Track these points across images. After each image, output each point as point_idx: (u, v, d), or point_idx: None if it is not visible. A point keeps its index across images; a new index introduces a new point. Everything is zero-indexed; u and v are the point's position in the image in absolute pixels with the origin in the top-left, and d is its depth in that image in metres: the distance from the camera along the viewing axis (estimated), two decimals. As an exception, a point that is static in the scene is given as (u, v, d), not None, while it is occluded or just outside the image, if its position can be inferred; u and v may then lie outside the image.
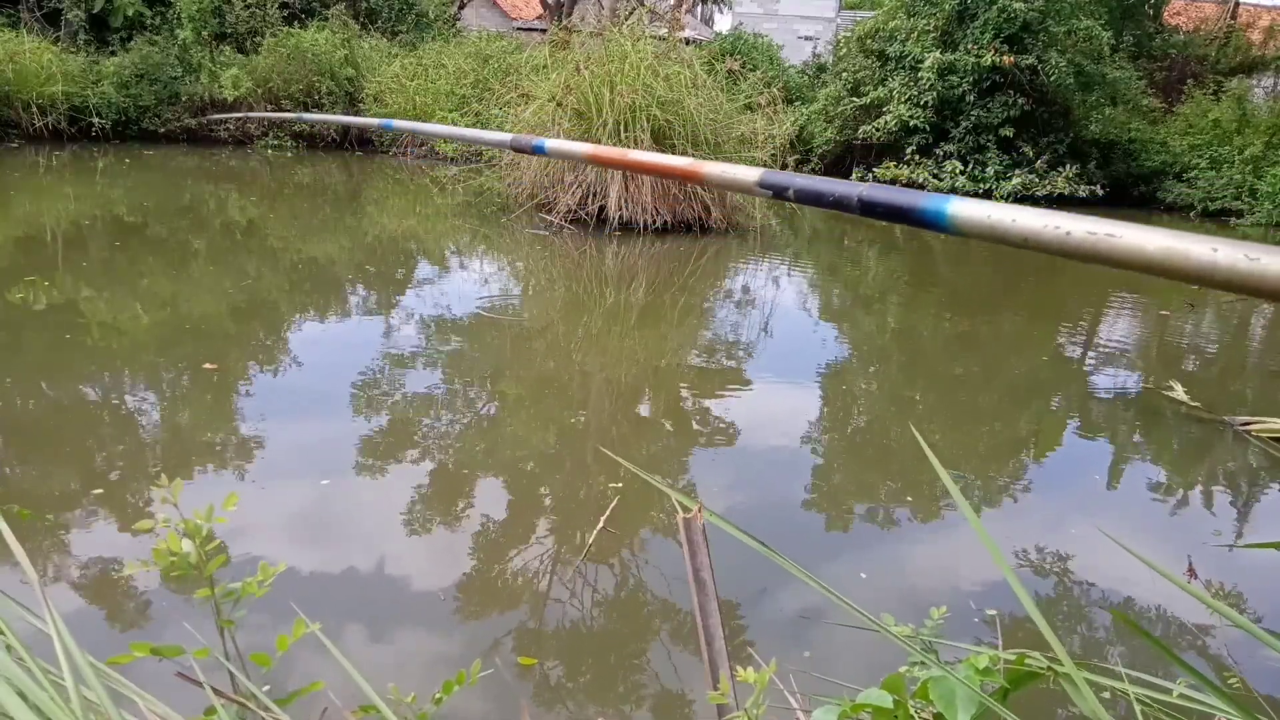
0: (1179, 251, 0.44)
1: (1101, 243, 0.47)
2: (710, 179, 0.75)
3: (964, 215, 0.53)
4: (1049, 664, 1.09)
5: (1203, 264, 0.43)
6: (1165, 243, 0.44)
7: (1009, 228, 0.51)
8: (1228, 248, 0.42)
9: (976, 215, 0.53)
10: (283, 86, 16.27)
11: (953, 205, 0.54)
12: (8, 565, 2.80)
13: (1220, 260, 0.42)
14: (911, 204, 0.57)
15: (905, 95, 15.75)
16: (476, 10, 27.76)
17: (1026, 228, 0.50)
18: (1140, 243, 0.45)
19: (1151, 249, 0.45)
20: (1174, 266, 0.44)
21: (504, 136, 1.12)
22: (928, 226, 0.55)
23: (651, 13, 12.32)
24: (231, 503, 1.22)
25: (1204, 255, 0.43)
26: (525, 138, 1.05)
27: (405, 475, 3.79)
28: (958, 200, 0.54)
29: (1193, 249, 0.43)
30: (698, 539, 1.35)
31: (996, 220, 0.52)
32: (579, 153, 0.93)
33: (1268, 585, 3.42)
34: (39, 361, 4.95)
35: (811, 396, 5.41)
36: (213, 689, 1.11)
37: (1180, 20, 21.89)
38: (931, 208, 0.55)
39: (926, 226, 0.55)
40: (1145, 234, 0.45)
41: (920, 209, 0.56)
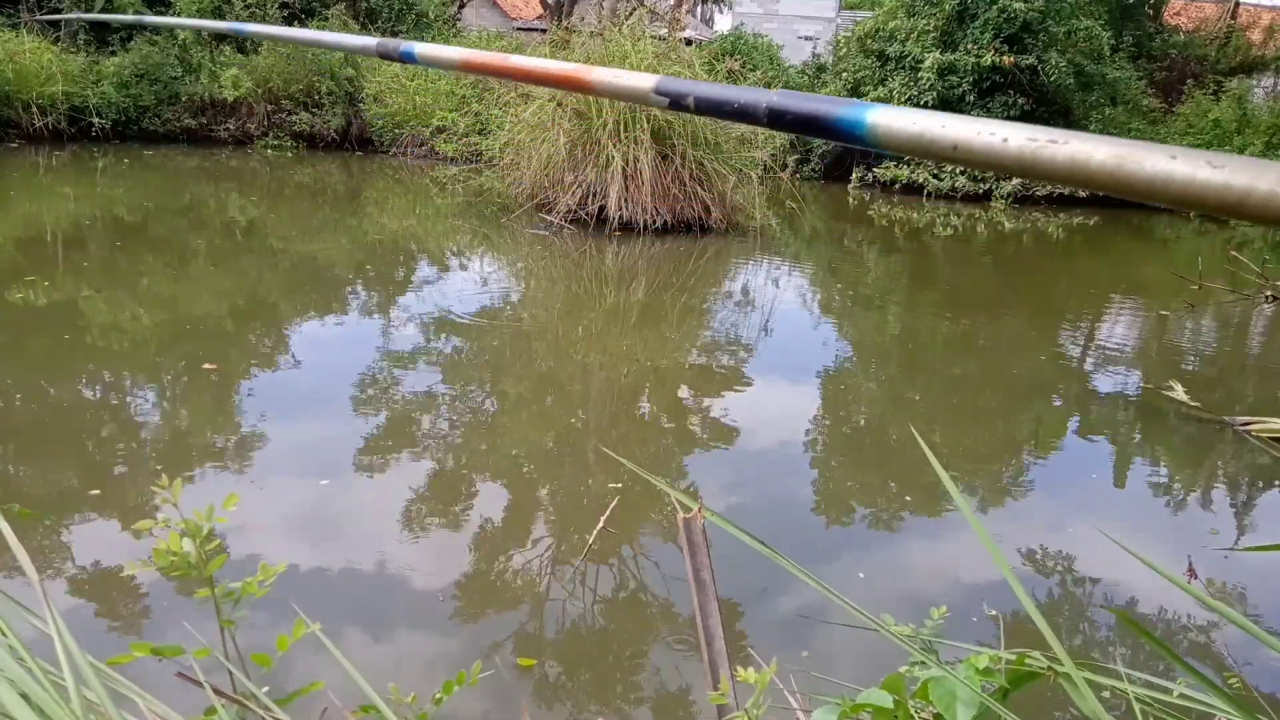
0: (1131, 160, 0.38)
1: (1043, 150, 0.41)
2: (599, 87, 0.67)
3: (885, 124, 0.47)
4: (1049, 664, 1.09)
5: (1157, 174, 0.38)
6: (1116, 150, 0.39)
7: (937, 135, 0.45)
8: (1188, 155, 0.37)
9: (900, 124, 0.46)
10: (283, 86, 16.28)
11: (873, 113, 0.47)
12: (8, 565, 2.80)
13: (1178, 169, 0.37)
14: (826, 113, 0.50)
15: (905, 95, 15.74)
16: (476, 10, 27.76)
17: (956, 135, 0.44)
18: (1087, 151, 0.40)
19: (1100, 158, 0.39)
20: (1124, 179, 0.39)
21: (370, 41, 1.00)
22: (844, 139, 0.49)
23: (651, 13, 12.32)
24: (232, 502, 1.22)
25: (1159, 164, 0.37)
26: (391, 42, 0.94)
27: (405, 475, 3.79)
28: (880, 108, 0.48)
29: (1148, 158, 0.38)
30: (698, 539, 1.35)
31: (923, 129, 0.45)
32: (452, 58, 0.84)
33: (1268, 585, 3.42)
34: (39, 361, 4.95)
35: (811, 396, 5.41)
36: (213, 689, 1.11)
37: (1180, 20, 21.89)
38: (848, 116, 0.49)
39: (843, 139, 0.49)
40: (1094, 142, 0.40)
41: (835, 118, 0.49)
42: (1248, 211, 0.35)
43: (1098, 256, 11.59)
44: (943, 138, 0.45)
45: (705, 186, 9.87)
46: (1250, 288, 8.50)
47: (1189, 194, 0.37)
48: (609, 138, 9.39)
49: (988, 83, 15.28)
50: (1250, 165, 0.36)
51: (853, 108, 0.49)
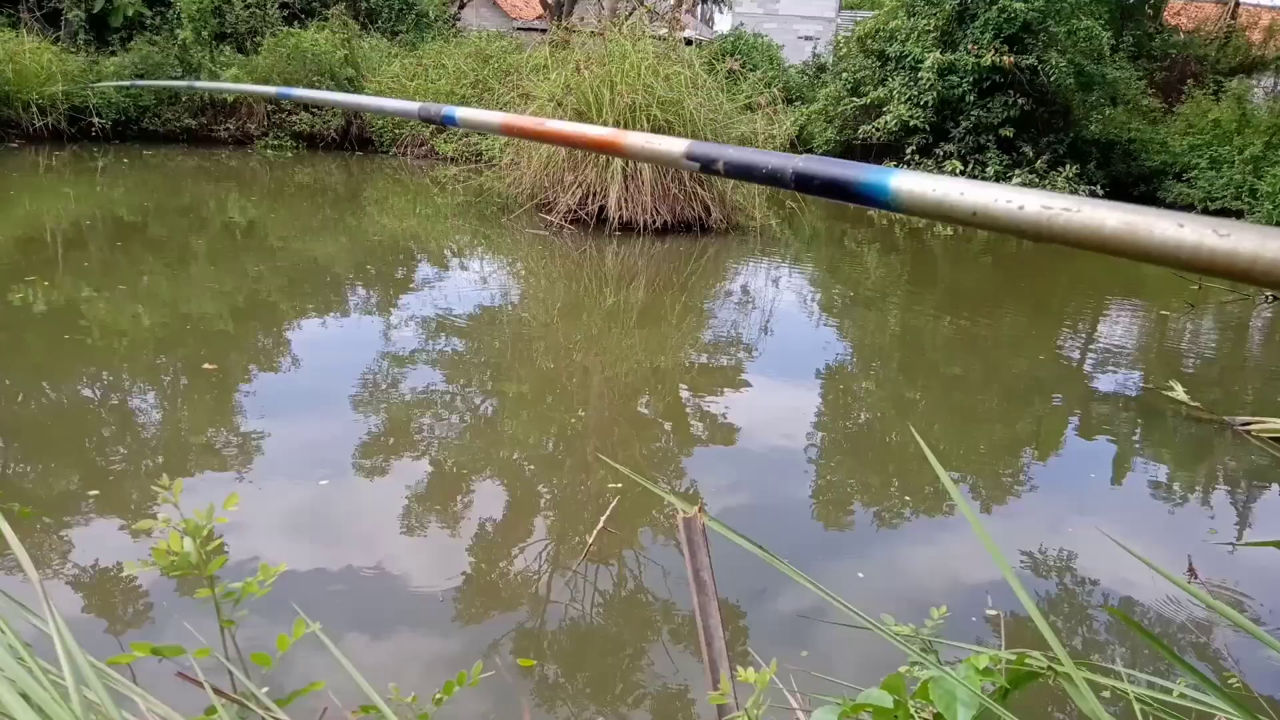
0: (1141, 227, 0.39)
1: (1058, 218, 0.42)
2: (632, 150, 0.69)
3: (908, 189, 0.49)
4: (1049, 664, 1.09)
5: (1166, 241, 0.39)
6: (1126, 218, 0.40)
7: (957, 201, 0.46)
8: (1195, 224, 0.38)
9: (921, 189, 0.48)
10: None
11: (896, 179, 0.49)
12: (8, 565, 2.81)
13: (1186, 237, 0.38)
14: (852, 178, 0.52)
15: (905, 95, 15.75)
16: (476, 10, 27.75)
17: (975, 201, 0.46)
18: (1099, 219, 0.41)
19: (1112, 224, 0.40)
20: (1136, 244, 0.40)
21: (412, 106, 1.01)
22: (869, 203, 0.51)
23: (651, 13, 12.32)
24: (232, 502, 1.22)
25: (1168, 231, 0.38)
26: (433, 106, 0.95)
27: (405, 475, 3.79)
28: (901, 173, 0.49)
29: (1156, 224, 0.39)
30: (698, 539, 1.35)
31: (943, 194, 0.47)
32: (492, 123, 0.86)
33: (1268, 585, 3.42)
34: (39, 362, 4.95)
35: (811, 396, 5.41)
36: (213, 689, 1.11)
37: (1180, 20, 21.89)
38: (873, 181, 0.50)
39: (867, 203, 0.51)
40: (1105, 209, 0.41)
41: (861, 183, 0.51)
42: (1255, 277, 0.36)
43: (1097, 256, 11.56)
44: (961, 204, 0.46)
45: (705, 186, 9.87)
46: (1250, 288, 8.50)
47: (1198, 259, 0.38)
48: (609, 138, 9.38)
49: (988, 83, 15.28)
50: (1254, 232, 0.37)
51: (877, 173, 0.51)
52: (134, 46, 15.79)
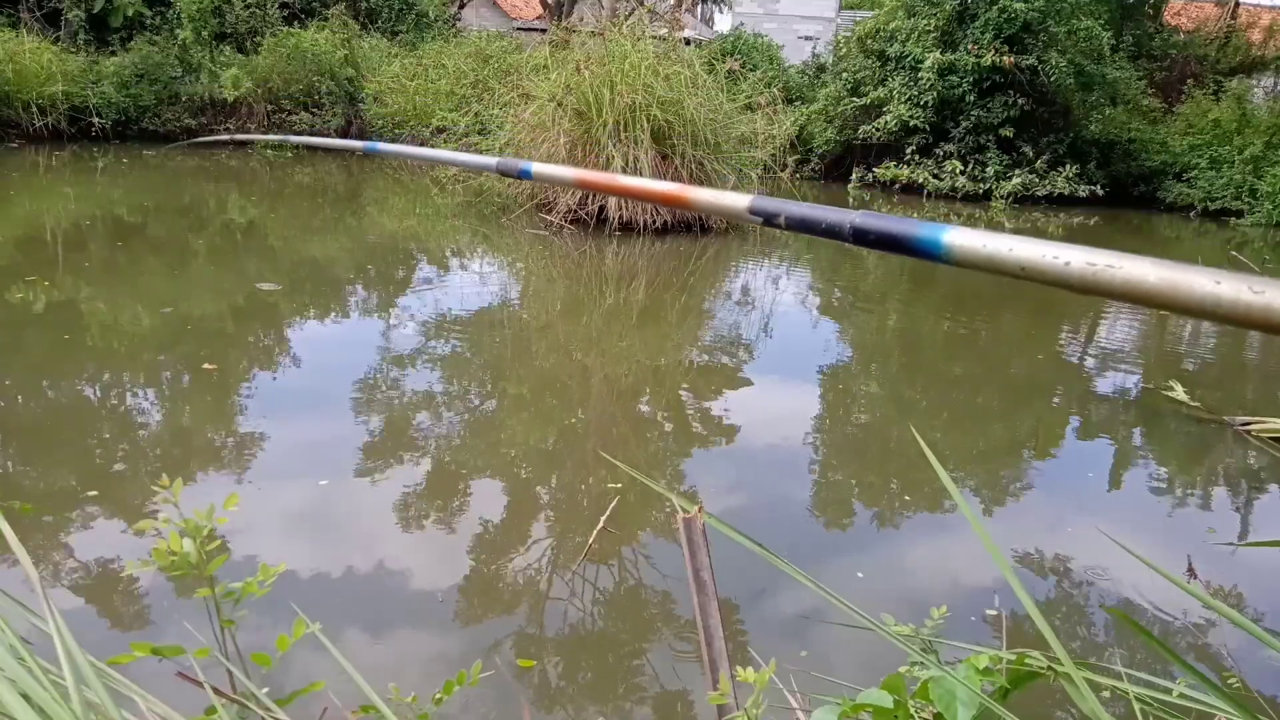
0: (1182, 283, 0.43)
1: (1101, 274, 0.45)
2: (698, 205, 0.74)
3: (960, 245, 0.52)
4: (1049, 664, 1.09)
5: (1205, 296, 0.42)
6: (1166, 274, 0.43)
7: (1005, 257, 0.50)
8: (1232, 280, 0.41)
9: (973, 244, 0.52)
10: (283, 86, 16.28)
11: (949, 235, 0.53)
12: (8, 564, 2.81)
13: (1224, 293, 0.41)
14: (907, 233, 0.55)
15: (905, 95, 15.74)
16: (476, 10, 27.75)
17: (1023, 257, 0.49)
18: (1141, 274, 0.44)
19: (1152, 280, 0.44)
20: (1176, 299, 0.43)
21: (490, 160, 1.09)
22: (922, 256, 0.54)
23: (651, 13, 12.32)
24: (232, 502, 1.22)
25: (1206, 287, 0.42)
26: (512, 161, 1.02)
27: (405, 475, 3.79)
28: (954, 229, 0.52)
29: (1195, 280, 0.42)
30: (698, 539, 1.35)
31: (993, 250, 0.50)
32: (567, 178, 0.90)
33: (1268, 585, 3.42)
34: (39, 362, 4.96)
35: (811, 396, 5.41)
36: (213, 688, 1.11)
37: (1180, 20, 21.88)
38: (927, 236, 0.54)
39: (921, 256, 0.54)
40: (1146, 265, 0.44)
41: (915, 238, 0.55)
42: None
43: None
44: (1010, 259, 0.50)
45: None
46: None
47: (1235, 314, 0.41)
48: (609, 138, 9.39)
49: (988, 83, 15.27)
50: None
51: (931, 229, 0.54)
52: (134, 46, 15.79)
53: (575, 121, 9.69)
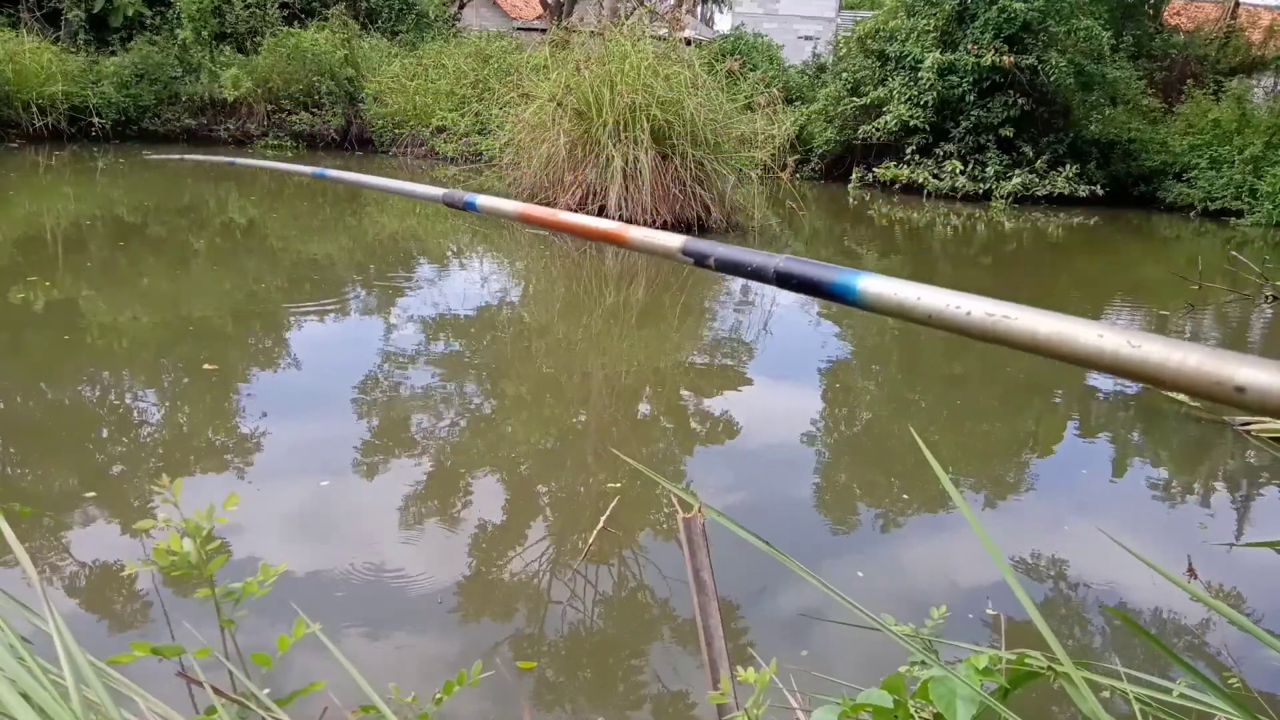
0: (1068, 335, 0.46)
1: (999, 324, 0.49)
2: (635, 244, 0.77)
3: (873, 292, 0.55)
4: (1049, 664, 1.09)
5: (1089, 348, 0.45)
6: (1056, 327, 0.46)
7: (914, 305, 0.53)
8: (1113, 334, 0.44)
9: (884, 292, 0.55)
10: (283, 86, 16.28)
11: (863, 281, 0.56)
12: (8, 564, 2.81)
13: (1105, 346, 0.44)
14: (824, 279, 0.59)
15: (905, 95, 15.74)
16: (476, 10, 27.75)
17: (930, 306, 0.52)
18: (1033, 326, 0.47)
19: (1043, 332, 0.47)
20: (1064, 349, 0.46)
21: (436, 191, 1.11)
22: (839, 300, 0.58)
23: (651, 13, 12.32)
24: (232, 502, 1.22)
25: (1090, 340, 0.45)
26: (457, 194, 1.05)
27: (405, 475, 3.79)
28: (869, 277, 0.56)
29: (1080, 333, 0.45)
30: (698, 539, 1.35)
31: (903, 298, 0.53)
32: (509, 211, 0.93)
33: (1268, 585, 3.42)
34: (39, 362, 4.96)
35: (811, 396, 5.41)
36: (213, 688, 1.11)
37: (1180, 20, 21.89)
38: (841, 282, 0.57)
39: (838, 300, 0.58)
40: (1038, 318, 0.47)
41: (831, 283, 0.58)
42: (1164, 381, 0.43)
43: (1097, 256, 11.59)
44: (918, 307, 0.53)
45: (705, 186, 9.87)
46: (1250, 288, 8.50)
47: (1118, 365, 0.44)
48: (609, 138, 9.39)
49: (988, 83, 15.28)
50: (1160, 344, 0.43)
51: (846, 275, 0.58)
52: (134, 46, 15.79)
53: (575, 121, 9.70)
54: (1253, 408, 0.40)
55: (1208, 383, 0.41)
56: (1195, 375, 0.41)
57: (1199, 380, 0.41)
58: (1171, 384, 0.42)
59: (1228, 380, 0.40)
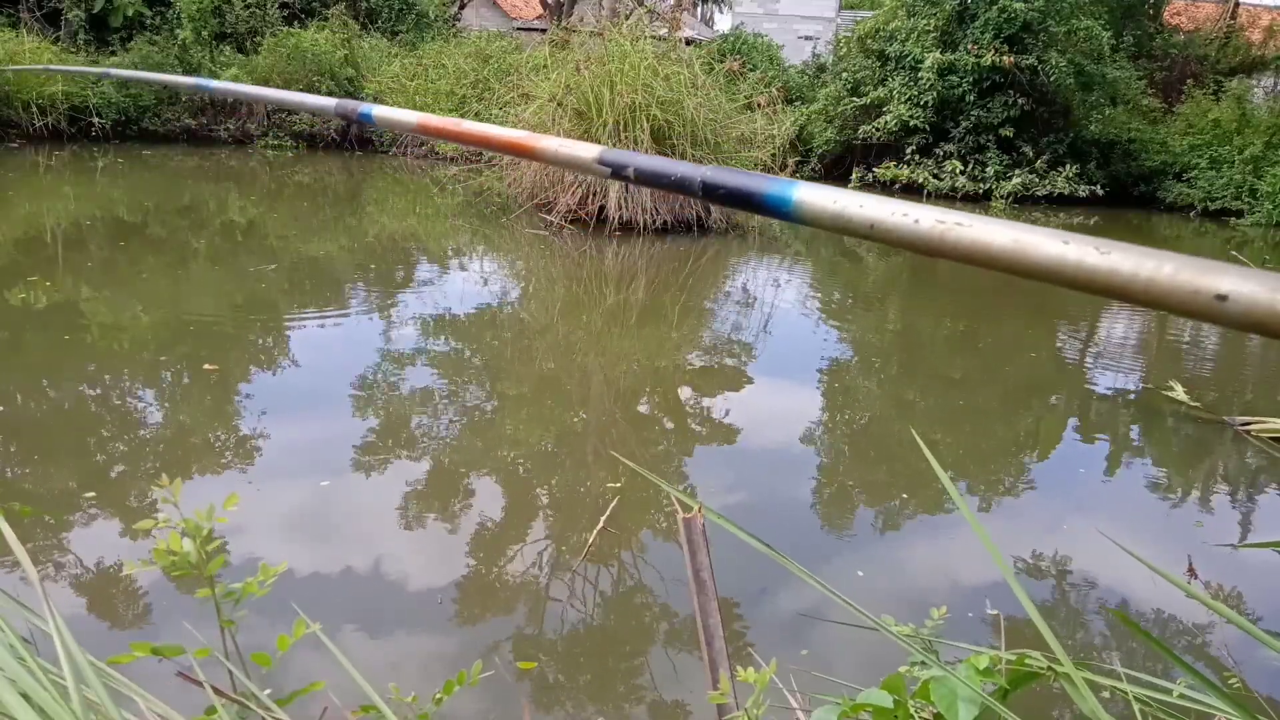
0: (1027, 244, 0.41)
1: (950, 232, 0.44)
2: (545, 155, 0.70)
3: (809, 201, 0.50)
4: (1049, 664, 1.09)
5: (1050, 258, 0.40)
6: (1014, 234, 0.42)
7: (855, 214, 0.48)
8: (1080, 242, 0.40)
9: (821, 201, 0.50)
10: (282, 86, 16.27)
11: (798, 190, 0.51)
12: (8, 564, 2.81)
13: (1069, 255, 0.40)
14: (755, 189, 0.54)
15: (905, 95, 15.74)
16: (476, 10, 27.75)
17: (873, 214, 0.47)
18: (989, 235, 0.43)
19: (1000, 241, 0.42)
20: (1022, 261, 0.41)
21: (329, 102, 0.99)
22: (771, 213, 0.53)
23: (651, 13, 12.32)
24: (232, 502, 1.22)
25: (1052, 249, 0.40)
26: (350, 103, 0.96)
27: (405, 476, 3.79)
28: (804, 185, 0.51)
29: (1041, 242, 0.41)
30: (698, 539, 1.35)
31: (842, 207, 0.49)
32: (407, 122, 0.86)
33: (1268, 585, 3.42)
34: (39, 362, 4.95)
35: (811, 396, 5.41)
36: (213, 688, 1.11)
37: (1180, 20, 21.88)
38: (775, 193, 0.52)
39: (770, 213, 0.53)
40: (995, 226, 0.43)
41: (764, 194, 0.53)
42: (1135, 293, 0.38)
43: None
44: (860, 216, 0.48)
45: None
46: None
47: (1081, 276, 0.40)
48: (609, 138, 9.39)
49: (988, 83, 15.27)
50: (1133, 252, 0.39)
51: (780, 185, 0.53)
52: (134, 46, 15.79)
53: (575, 121, 9.70)
54: (1235, 319, 0.36)
55: (1185, 292, 0.37)
56: (1170, 285, 0.37)
57: (1175, 291, 0.37)
58: (1142, 296, 0.38)
59: (1208, 289, 0.36)
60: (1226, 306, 0.36)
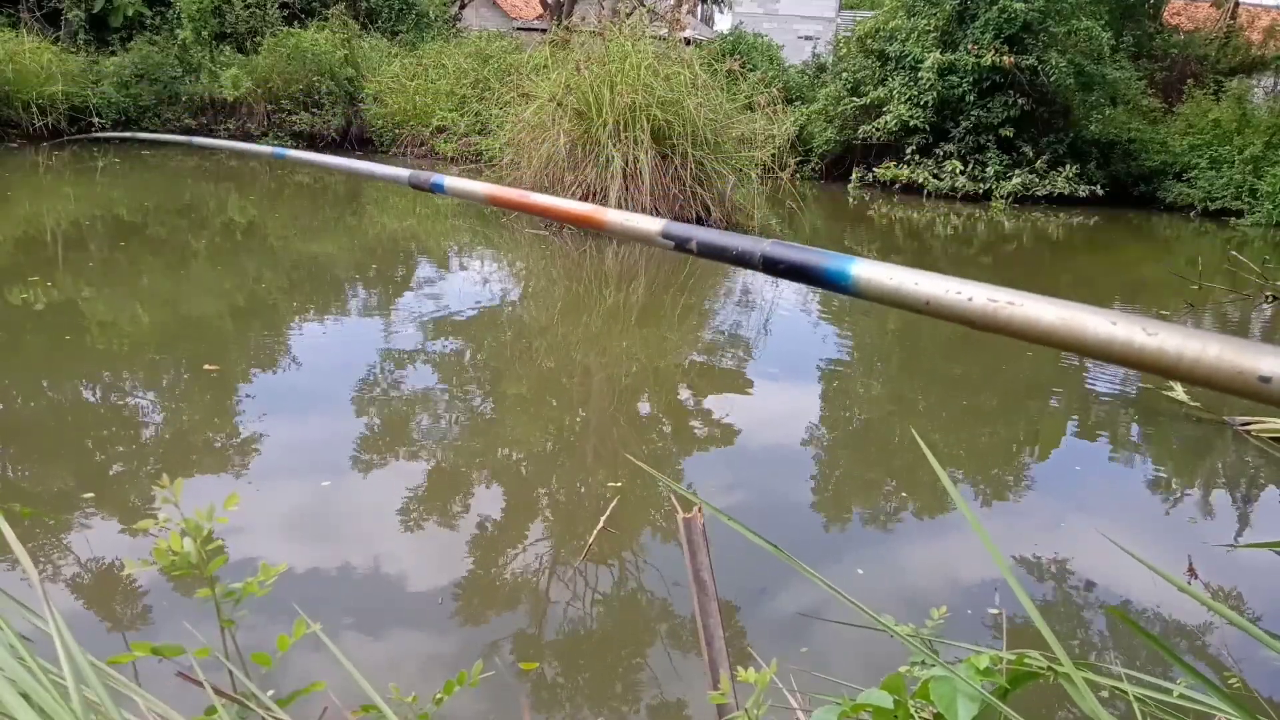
0: (1075, 324, 0.43)
1: (1001, 311, 0.46)
2: (611, 226, 0.73)
3: (866, 277, 0.52)
4: (1049, 664, 1.09)
5: (1099, 337, 0.42)
6: (1063, 314, 0.43)
7: (911, 291, 0.50)
8: (1126, 322, 0.41)
9: (879, 277, 0.51)
10: (283, 86, 16.28)
11: (856, 267, 0.52)
12: (8, 564, 2.81)
13: (1117, 335, 0.41)
14: (814, 264, 0.55)
15: (905, 95, 15.74)
16: (476, 10, 27.75)
17: (928, 292, 0.49)
18: (1038, 314, 0.44)
19: (1049, 320, 0.44)
20: (1072, 339, 0.43)
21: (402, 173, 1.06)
22: (830, 287, 0.54)
23: (651, 13, 12.32)
24: (233, 502, 1.22)
25: (1101, 329, 0.42)
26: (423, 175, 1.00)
27: (406, 476, 3.79)
28: (861, 262, 0.52)
29: (1089, 321, 0.42)
30: (698, 539, 1.35)
31: (899, 283, 0.50)
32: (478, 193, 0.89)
33: (1268, 585, 3.42)
34: (39, 362, 4.95)
35: (811, 396, 5.41)
36: (213, 688, 1.11)
37: (1180, 20, 21.88)
38: (834, 268, 0.54)
39: (829, 287, 0.54)
40: (1044, 306, 0.44)
41: (823, 269, 0.55)
42: (1180, 373, 0.40)
43: (1097, 256, 11.59)
44: (916, 293, 0.50)
45: (705, 186, 9.87)
46: (1250, 288, 8.50)
47: (1130, 355, 0.41)
48: (609, 138, 9.39)
49: (988, 83, 15.27)
50: (1178, 333, 0.40)
51: (838, 261, 0.54)
52: (134, 46, 15.79)
53: (575, 121, 9.69)
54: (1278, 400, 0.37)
55: (1229, 373, 0.38)
56: (1215, 366, 0.38)
57: (1219, 371, 0.38)
58: (1188, 375, 0.39)
59: (1251, 370, 0.37)
60: (1271, 388, 0.37)
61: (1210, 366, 0.38)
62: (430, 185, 0.97)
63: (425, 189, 0.99)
